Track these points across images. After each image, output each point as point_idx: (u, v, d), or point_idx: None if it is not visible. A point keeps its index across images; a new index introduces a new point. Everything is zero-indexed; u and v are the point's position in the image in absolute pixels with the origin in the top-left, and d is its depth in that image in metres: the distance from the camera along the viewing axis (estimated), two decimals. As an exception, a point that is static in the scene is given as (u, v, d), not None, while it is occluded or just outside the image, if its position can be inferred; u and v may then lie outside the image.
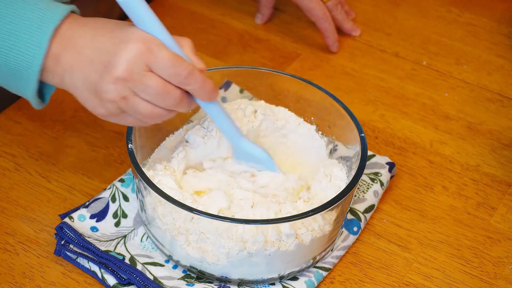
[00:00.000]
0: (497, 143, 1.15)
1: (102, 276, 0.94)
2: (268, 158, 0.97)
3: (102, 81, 0.84)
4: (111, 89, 0.84)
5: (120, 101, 0.85)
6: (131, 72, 0.83)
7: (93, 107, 0.87)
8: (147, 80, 0.84)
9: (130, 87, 0.84)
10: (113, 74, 0.83)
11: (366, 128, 1.16)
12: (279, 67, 1.25)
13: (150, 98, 0.85)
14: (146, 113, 0.86)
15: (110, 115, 0.88)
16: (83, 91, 0.86)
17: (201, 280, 0.94)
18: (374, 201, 1.04)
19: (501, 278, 0.99)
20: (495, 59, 1.29)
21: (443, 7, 1.39)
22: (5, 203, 1.02)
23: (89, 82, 0.85)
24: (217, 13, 1.34)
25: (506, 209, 1.07)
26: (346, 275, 0.98)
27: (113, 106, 0.86)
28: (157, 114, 0.86)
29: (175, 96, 0.85)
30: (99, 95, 0.85)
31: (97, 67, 0.84)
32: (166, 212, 0.91)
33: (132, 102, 0.85)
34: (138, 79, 0.83)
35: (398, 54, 1.29)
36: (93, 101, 0.86)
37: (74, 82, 0.86)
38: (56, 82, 0.87)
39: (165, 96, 0.85)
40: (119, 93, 0.84)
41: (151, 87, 0.84)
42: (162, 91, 0.84)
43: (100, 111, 0.87)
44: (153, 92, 0.84)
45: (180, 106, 0.87)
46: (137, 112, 0.86)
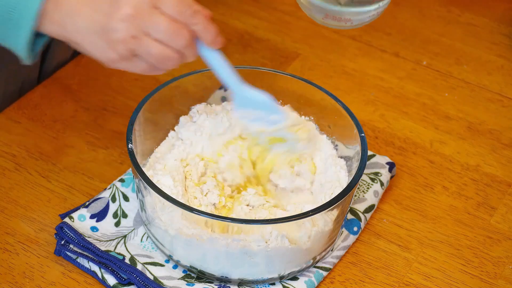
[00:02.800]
0: (497, 143, 1.15)
1: (102, 276, 0.94)
2: (270, 101, 0.95)
3: (110, 20, 0.82)
4: (120, 27, 0.82)
5: (130, 41, 0.83)
6: (139, 9, 0.82)
7: (101, 51, 0.85)
8: (156, 17, 0.83)
9: (140, 25, 0.82)
10: (121, 11, 0.82)
11: (366, 128, 1.16)
12: (279, 67, 1.25)
13: (161, 36, 0.83)
14: (157, 54, 0.84)
15: (120, 59, 0.85)
16: (89, 35, 0.84)
17: (201, 280, 0.94)
18: (374, 201, 1.04)
19: (501, 278, 0.99)
20: (495, 59, 1.29)
21: (443, 7, 1.39)
22: (5, 203, 1.02)
23: (95, 24, 0.83)
24: (217, 13, 1.34)
25: (506, 209, 1.07)
26: (346, 275, 0.98)
27: (123, 47, 0.84)
28: (168, 56, 0.85)
29: (184, 35, 0.84)
30: (107, 36, 0.83)
31: (102, 7, 0.82)
32: (165, 212, 0.91)
33: (144, 42, 0.83)
34: (147, 16, 0.82)
35: (398, 54, 1.29)
36: (101, 44, 0.84)
37: (78, 26, 0.83)
38: (54, 29, 0.84)
39: (175, 33, 0.84)
40: (129, 31, 0.82)
41: (161, 24, 0.83)
42: (172, 28, 0.83)
43: (110, 55, 0.85)
44: (163, 29, 0.83)
45: (189, 48, 0.85)
46: (148, 53, 0.84)
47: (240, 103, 0.95)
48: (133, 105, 1.06)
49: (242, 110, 0.96)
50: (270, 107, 0.95)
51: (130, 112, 0.98)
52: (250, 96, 0.94)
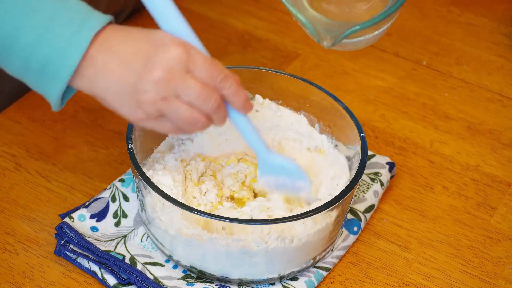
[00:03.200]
0: (497, 143, 1.15)
1: (102, 276, 0.94)
2: (298, 168, 0.95)
3: (142, 81, 0.83)
4: (151, 89, 0.83)
5: (160, 102, 0.83)
6: (172, 72, 0.82)
7: (129, 111, 0.85)
8: (189, 81, 0.83)
9: (171, 88, 0.83)
10: (154, 74, 0.82)
11: (366, 128, 1.16)
12: (279, 67, 1.25)
13: (191, 99, 0.84)
14: (186, 117, 0.85)
15: (148, 119, 0.86)
16: (117, 94, 0.85)
17: (201, 280, 0.94)
18: (374, 201, 1.04)
19: (501, 278, 0.99)
20: (495, 59, 1.29)
21: (443, 7, 1.39)
22: (5, 203, 1.02)
23: (126, 84, 0.84)
24: (217, 13, 1.34)
25: (506, 209, 1.07)
26: (346, 275, 0.98)
27: (152, 108, 0.84)
28: (196, 119, 0.85)
29: (215, 98, 0.85)
30: (137, 97, 0.84)
31: (134, 68, 0.83)
32: (165, 212, 0.91)
33: (173, 104, 0.84)
34: (180, 80, 0.83)
35: (398, 54, 1.29)
36: (129, 104, 0.85)
37: (108, 85, 0.84)
38: (84, 85, 0.85)
39: (206, 97, 0.84)
40: (160, 93, 0.83)
41: (193, 88, 0.83)
42: (203, 92, 0.84)
43: (138, 114, 0.85)
44: (194, 92, 0.83)
45: (218, 112, 0.86)
46: (176, 115, 0.85)
47: (265, 169, 0.95)
48: (133, 105, 1.06)
49: (267, 176, 0.95)
50: (295, 174, 0.95)
51: (130, 112, 0.98)
52: (276, 162, 0.94)
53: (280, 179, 0.95)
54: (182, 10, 1.35)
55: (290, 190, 0.96)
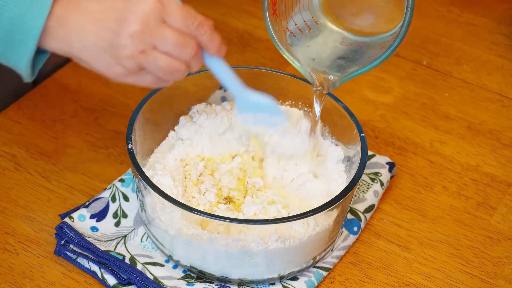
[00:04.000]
0: (497, 143, 1.15)
1: (102, 276, 0.94)
2: (273, 103, 0.95)
3: (118, 37, 0.82)
4: (128, 44, 0.83)
5: (138, 55, 0.84)
6: (147, 25, 0.82)
7: (108, 67, 0.85)
8: (164, 31, 0.83)
9: (147, 40, 0.83)
10: (130, 28, 0.82)
11: (366, 128, 1.16)
12: (279, 67, 1.25)
13: (169, 49, 0.84)
14: (165, 66, 0.85)
15: (128, 74, 0.86)
16: (95, 51, 0.84)
17: (201, 280, 0.94)
18: (374, 201, 1.04)
19: (501, 278, 0.99)
20: (495, 59, 1.29)
21: (443, 7, 1.39)
22: (5, 203, 1.02)
23: (103, 41, 0.83)
24: (217, 13, 1.34)
25: (506, 209, 1.07)
26: (346, 275, 0.98)
27: (131, 63, 0.84)
28: (175, 68, 0.85)
29: (192, 45, 0.85)
30: (115, 52, 0.83)
31: (108, 24, 0.83)
32: (165, 212, 0.91)
33: (152, 56, 0.84)
34: (155, 30, 0.83)
35: (398, 54, 1.29)
36: (108, 60, 0.84)
37: (83, 43, 0.84)
38: (58, 46, 0.85)
39: (183, 45, 0.85)
40: (137, 47, 0.83)
41: (169, 37, 0.84)
42: (180, 40, 0.84)
43: (117, 70, 0.85)
44: (172, 42, 0.84)
45: (195, 59, 0.86)
46: (156, 66, 0.85)
47: (242, 107, 0.95)
48: (133, 105, 1.06)
49: (244, 114, 0.96)
50: (272, 109, 0.95)
51: (130, 112, 0.98)
52: (252, 100, 0.94)
53: (258, 116, 0.96)
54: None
55: (267, 125, 0.97)
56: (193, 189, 0.98)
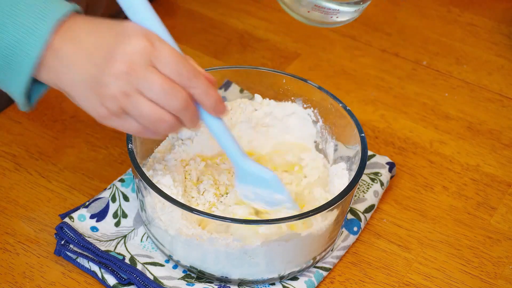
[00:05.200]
0: (497, 143, 1.15)
1: (102, 276, 0.94)
2: (275, 178, 0.90)
3: (103, 75, 0.78)
4: (112, 83, 0.78)
5: (121, 97, 0.78)
6: (133, 65, 0.77)
7: (92, 106, 0.81)
8: (151, 75, 0.78)
9: (132, 82, 0.78)
10: (115, 66, 0.77)
11: (366, 128, 1.16)
12: (279, 67, 1.25)
13: (155, 96, 0.78)
14: (149, 114, 0.79)
15: (110, 115, 0.80)
16: (81, 88, 0.80)
17: (201, 280, 0.94)
18: (374, 201, 1.04)
19: (501, 278, 0.99)
20: (495, 59, 1.29)
21: (443, 7, 1.39)
22: (5, 203, 1.02)
23: (88, 77, 0.79)
24: (217, 13, 1.34)
25: (506, 209, 1.07)
26: (346, 275, 0.98)
27: (114, 104, 0.79)
28: (160, 117, 0.80)
29: (181, 96, 0.79)
30: (99, 91, 0.79)
31: (96, 60, 0.78)
32: (165, 212, 0.91)
33: (135, 100, 0.79)
34: (141, 73, 0.78)
35: (398, 54, 1.29)
36: (92, 99, 0.80)
37: (72, 77, 0.80)
38: (50, 78, 0.81)
39: (170, 94, 0.79)
40: (121, 88, 0.78)
41: (155, 83, 0.78)
42: (167, 88, 0.78)
43: (100, 111, 0.80)
44: (156, 87, 0.78)
45: (186, 112, 0.80)
46: (140, 113, 0.79)
47: (241, 178, 0.90)
48: (133, 105, 1.06)
49: (243, 185, 0.91)
50: (274, 186, 0.90)
51: (130, 112, 0.98)
52: (253, 172, 0.89)
53: (258, 190, 0.91)
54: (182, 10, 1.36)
55: (268, 203, 0.92)
56: (193, 189, 0.98)
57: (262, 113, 1.04)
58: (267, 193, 0.91)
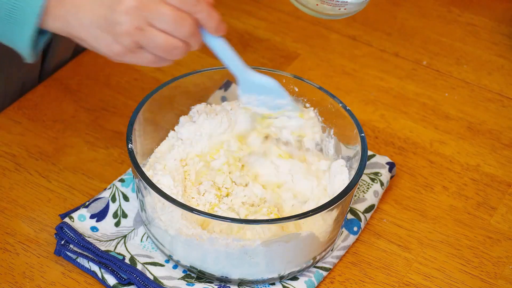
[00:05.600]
0: (497, 143, 1.15)
1: (102, 276, 0.94)
2: (278, 86, 0.95)
3: (114, 13, 0.82)
4: (125, 20, 0.82)
5: (135, 32, 0.83)
6: (142, 0, 0.82)
7: (106, 45, 0.85)
8: (161, 7, 0.83)
9: (144, 16, 0.83)
10: (125, 3, 0.82)
11: (366, 128, 1.16)
12: (279, 67, 1.25)
13: (166, 26, 0.84)
14: (163, 44, 0.84)
15: (126, 51, 0.85)
16: (92, 30, 0.84)
17: (201, 280, 0.94)
18: (374, 201, 1.04)
19: (501, 278, 0.99)
20: (495, 59, 1.29)
21: (443, 7, 1.39)
22: (5, 203, 1.02)
23: (99, 18, 0.83)
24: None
25: (506, 209, 1.07)
26: (346, 275, 0.98)
27: (128, 40, 0.83)
28: (173, 45, 0.85)
29: (189, 23, 0.85)
30: (112, 30, 0.83)
31: (105, 1, 0.82)
32: (165, 212, 0.91)
33: (149, 33, 0.83)
34: (151, 6, 0.82)
35: (398, 54, 1.29)
36: (105, 38, 0.84)
37: (81, 21, 0.83)
38: (57, 26, 0.84)
39: (180, 22, 0.84)
40: (133, 23, 0.82)
41: (166, 14, 0.83)
42: (177, 17, 0.83)
43: (115, 48, 0.84)
44: (168, 18, 0.83)
45: (193, 36, 0.86)
46: (154, 44, 0.84)
47: (245, 88, 0.95)
48: (133, 105, 1.06)
49: (247, 95, 0.96)
50: (276, 91, 0.95)
51: (130, 112, 0.98)
52: (256, 81, 0.94)
53: (261, 98, 0.96)
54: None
55: (271, 107, 0.96)
56: (193, 189, 0.98)
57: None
58: (269, 99, 0.96)
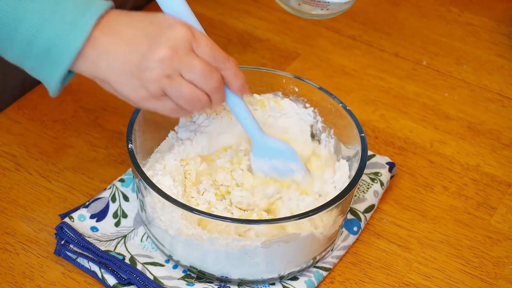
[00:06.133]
0: (497, 143, 1.15)
1: (102, 276, 0.94)
2: (291, 150, 0.97)
3: (147, 60, 0.84)
4: (156, 67, 0.84)
5: (164, 80, 0.85)
6: (177, 51, 0.85)
7: (132, 90, 0.86)
8: (193, 59, 0.86)
9: (175, 66, 0.85)
10: (159, 52, 0.84)
11: (366, 128, 1.16)
12: (279, 67, 1.25)
13: (195, 77, 0.86)
14: (188, 94, 0.86)
15: (150, 98, 0.87)
16: (121, 74, 0.86)
17: (201, 280, 0.94)
18: (374, 201, 1.04)
19: (501, 278, 0.99)
20: (495, 59, 1.29)
21: (443, 7, 1.39)
22: (5, 203, 1.02)
23: (130, 64, 0.85)
24: (217, 13, 1.34)
25: (506, 209, 1.07)
26: (346, 275, 0.98)
27: (155, 86, 0.85)
28: (198, 97, 0.87)
29: (217, 77, 0.87)
30: (141, 75, 0.85)
31: (139, 48, 0.85)
32: (165, 212, 0.91)
33: (176, 82, 0.85)
34: (184, 57, 0.85)
35: (398, 54, 1.29)
36: (132, 83, 0.86)
37: (112, 66, 0.85)
38: (86, 68, 0.86)
39: (208, 75, 0.86)
40: (164, 71, 0.85)
41: (197, 66, 0.86)
42: (206, 70, 0.86)
43: (141, 93, 0.86)
44: (198, 70, 0.86)
45: (217, 92, 0.88)
46: (179, 93, 0.86)
47: (258, 151, 0.97)
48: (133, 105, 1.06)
49: (259, 159, 0.97)
50: (289, 156, 0.97)
51: (130, 112, 0.98)
52: (270, 145, 0.96)
53: (273, 162, 0.97)
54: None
55: (283, 173, 0.97)
56: (192, 189, 0.98)
57: (261, 113, 1.04)
58: (281, 163, 0.97)
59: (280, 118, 1.04)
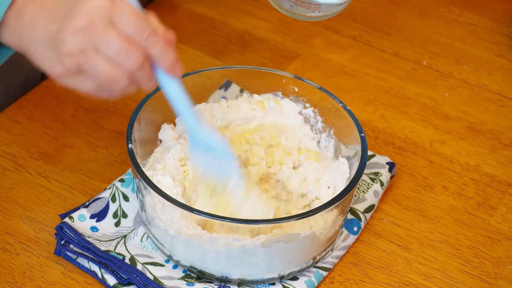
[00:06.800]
0: (497, 143, 1.15)
1: (102, 276, 0.94)
2: (225, 148, 0.90)
3: (61, 31, 0.78)
4: (70, 39, 0.78)
5: (78, 55, 0.78)
6: (92, 22, 0.77)
7: (49, 64, 0.81)
8: (109, 33, 0.78)
9: (90, 39, 0.78)
10: (73, 23, 0.77)
11: (366, 128, 1.16)
12: (279, 67, 1.25)
13: (111, 54, 0.78)
14: (104, 73, 0.79)
15: (67, 74, 0.80)
16: (40, 46, 0.80)
17: (201, 280, 0.94)
18: (374, 201, 1.04)
19: (501, 278, 0.99)
20: (495, 59, 1.29)
21: (443, 7, 1.39)
22: (5, 203, 1.02)
23: (48, 34, 0.79)
24: (217, 13, 1.34)
25: (506, 209, 1.07)
26: (346, 275, 0.98)
27: (70, 61, 0.79)
28: (114, 78, 0.79)
29: (136, 56, 0.79)
30: (57, 48, 0.79)
31: (57, 17, 0.79)
32: (165, 212, 0.91)
33: (91, 59, 0.79)
34: (100, 30, 0.78)
35: (398, 54, 1.29)
36: (50, 57, 0.80)
37: (33, 37, 0.80)
38: (13, 40, 0.82)
39: (125, 54, 0.79)
40: (78, 44, 0.78)
41: (112, 41, 0.78)
42: (123, 48, 0.78)
43: (57, 69, 0.80)
44: (114, 47, 0.78)
45: (140, 72, 0.80)
46: (94, 71, 0.79)
47: (194, 143, 0.91)
48: (133, 105, 1.06)
49: (196, 153, 0.91)
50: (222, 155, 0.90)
51: (130, 112, 0.98)
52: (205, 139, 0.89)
53: (209, 158, 0.90)
54: (182, 10, 1.36)
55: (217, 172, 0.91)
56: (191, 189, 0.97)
57: (261, 113, 1.04)
58: (216, 162, 0.90)
59: (280, 118, 1.04)
